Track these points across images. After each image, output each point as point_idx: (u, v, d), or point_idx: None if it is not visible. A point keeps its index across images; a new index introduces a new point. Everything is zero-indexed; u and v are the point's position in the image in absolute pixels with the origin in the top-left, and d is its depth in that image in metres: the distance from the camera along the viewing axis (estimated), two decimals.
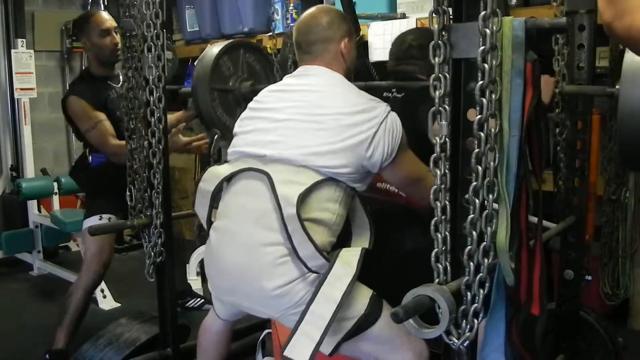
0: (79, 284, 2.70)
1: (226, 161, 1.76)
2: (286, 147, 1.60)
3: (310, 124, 1.60)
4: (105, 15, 2.74)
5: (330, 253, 1.55)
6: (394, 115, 1.64)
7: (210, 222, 1.70)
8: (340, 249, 1.56)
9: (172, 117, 2.77)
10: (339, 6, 2.68)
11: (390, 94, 2.08)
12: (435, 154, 1.29)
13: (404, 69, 2.12)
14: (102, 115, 2.62)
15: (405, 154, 1.66)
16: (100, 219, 2.68)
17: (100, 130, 2.61)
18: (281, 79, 1.86)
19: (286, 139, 1.61)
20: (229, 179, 1.67)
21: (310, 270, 1.52)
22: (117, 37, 2.64)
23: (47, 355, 2.66)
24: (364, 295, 1.59)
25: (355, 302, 1.55)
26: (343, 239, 1.64)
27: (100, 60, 2.71)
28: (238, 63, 2.46)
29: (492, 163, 1.24)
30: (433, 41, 1.26)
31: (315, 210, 1.53)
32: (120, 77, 2.69)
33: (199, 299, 3.43)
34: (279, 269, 1.52)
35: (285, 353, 1.45)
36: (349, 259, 1.52)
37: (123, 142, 2.42)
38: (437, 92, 1.27)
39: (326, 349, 1.54)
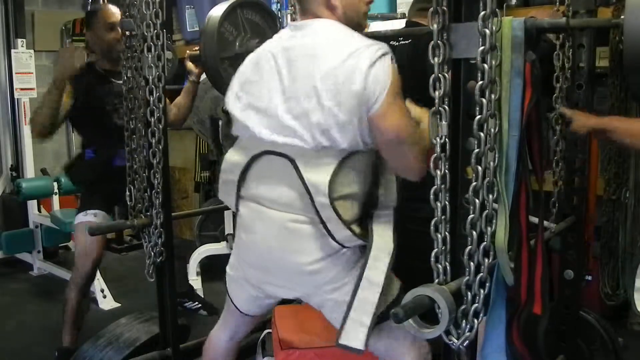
0: (71, 281, 2.71)
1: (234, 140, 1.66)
2: (298, 131, 1.48)
3: (312, 99, 1.46)
4: (113, 9, 2.70)
5: (363, 228, 1.52)
6: (384, 60, 1.44)
7: (238, 208, 1.67)
8: (373, 223, 1.54)
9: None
10: None
11: (396, 42, 2.10)
12: (435, 154, 1.30)
13: (417, 20, 2.22)
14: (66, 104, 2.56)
15: (392, 106, 1.44)
16: (85, 215, 2.66)
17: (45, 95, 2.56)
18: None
19: (295, 121, 1.48)
20: (249, 164, 1.60)
21: (345, 246, 1.52)
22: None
23: (56, 353, 2.68)
24: (396, 280, 1.60)
25: (390, 286, 1.56)
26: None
27: (105, 54, 2.69)
28: (238, 24, 2.36)
29: (491, 163, 1.24)
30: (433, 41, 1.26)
31: (346, 186, 1.49)
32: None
33: (196, 303, 3.43)
34: (314, 245, 1.52)
35: (341, 342, 1.49)
36: (383, 233, 1.52)
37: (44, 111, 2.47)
38: (437, 92, 1.27)
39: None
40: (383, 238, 1.52)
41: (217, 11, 2.25)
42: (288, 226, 1.53)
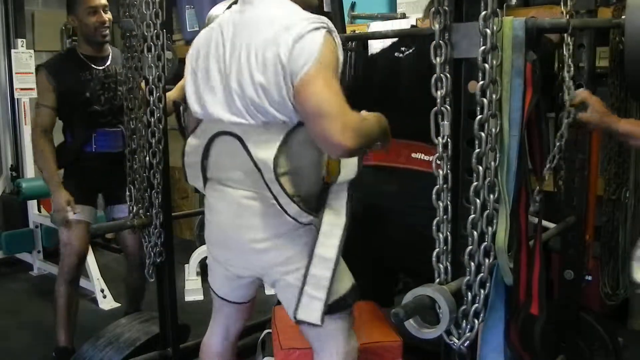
0: (59, 276, 2.71)
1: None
2: (240, 109, 1.48)
3: (244, 73, 1.45)
4: None
5: (312, 203, 1.52)
6: (315, 34, 1.40)
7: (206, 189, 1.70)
8: (328, 198, 1.54)
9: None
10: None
11: (402, 55, 2.09)
12: (437, 154, 1.30)
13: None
14: (50, 101, 2.57)
15: (316, 77, 1.37)
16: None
17: (38, 115, 2.60)
18: None
19: (235, 98, 1.48)
20: (209, 144, 1.61)
21: (301, 223, 1.52)
22: (105, 16, 2.59)
23: (54, 354, 2.68)
24: (349, 279, 1.64)
25: (341, 281, 1.59)
26: None
27: (87, 38, 2.65)
28: None
29: (492, 163, 1.24)
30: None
31: (293, 159, 1.48)
32: (110, 58, 2.68)
33: None
34: (264, 221, 1.53)
35: (299, 317, 1.54)
36: (336, 207, 1.53)
37: (48, 143, 2.55)
38: (439, 92, 1.27)
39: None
40: (336, 212, 1.53)
41: (217, 11, 2.26)
42: (241, 202, 1.55)
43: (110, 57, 2.70)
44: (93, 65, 2.65)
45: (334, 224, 1.53)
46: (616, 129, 1.65)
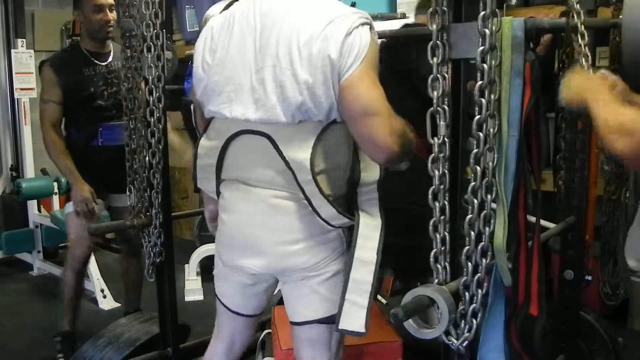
0: (67, 265, 2.79)
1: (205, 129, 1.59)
2: (272, 106, 1.40)
3: (286, 70, 1.37)
4: None
5: (348, 205, 1.47)
6: (363, 30, 1.36)
7: (219, 192, 1.59)
8: (358, 201, 1.47)
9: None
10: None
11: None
12: (434, 154, 1.29)
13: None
14: (56, 96, 2.59)
15: (364, 75, 1.35)
16: (74, 205, 2.65)
17: (46, 110, 2.62)
18: None
19: (269, 94, 1.40)
20: (226, 145, 1.52)
21: (332, 226, 1.47)
22: (111, 15, 2.62)
23: (57, 337, 2.73)
24: None
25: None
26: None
27: (90, 35, 2.68)
28: None
29: (490, 163, 1.24)
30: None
31: (326, 159, 1.41)
32: (112, 54, 2.71)
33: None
34: (298, 223, 1.45)
35: (341, 327, 1.43)
36: (369, 210, 1.47)
37: (58, 137, 2.58)
38: (436, 93, 1.27)
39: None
40: (370, 214, 1.47)
41: (214, 11, 2.26)
42: (272, 202, 1.46)
43: (112, 53, 2.73)
44: (96, 61, 2.69)
45: (371, 227, 1.46)
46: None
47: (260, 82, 1.40)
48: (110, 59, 2.71)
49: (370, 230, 1.45)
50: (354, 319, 1.42)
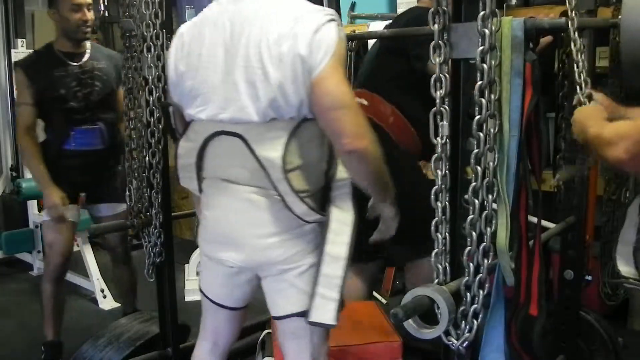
0: (44, 275, 2.73)
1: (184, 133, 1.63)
2: (244, 105, 1.44)
3: (257, 69, 1.41)
4: None
5: (320, 202, 1.50)
6: (330, 26, 1.40)
7: (202, 190, 1.64)
8: (331, 196, 1.51)
9: None
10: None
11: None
12: (435, 154, 1.30)
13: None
14: (28, 98, 2.53)
15: (333, 71, 1.39)
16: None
17: (20, 113, 2.58)
18: None
19: (240, 94, 1.44)
20: (204, 146, 1.55)
21: (306, 222, 1.50)
22: (89, 15, 2.56)
23: (42, 348, 2.68)
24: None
25: None
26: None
27: (66, 34, 2.61)
28: None
29: (491, 163, 1.24)
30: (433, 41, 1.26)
31: (299, 156, 1.45)
32: (87, 54, 2.63)
33: None
34: (272, 217, 1.50)
35: (312, 319, 1.49)
36: (342, 205, 1.51)
37: (32, 142, 2.52)
38: (438, 93, 1.27)
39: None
40: (342, 210, 1.51)
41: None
42: (249, 197, 1.50)
43: (88, 52, 2.64)
44: (69, 62, 2.60)
45: (342, 222, 1.50)
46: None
47: (232, 83, 1.44)
48: (85, 59, 2.62)
49: (341, 225, 1.50)
50: (325, 312, 1.48)
